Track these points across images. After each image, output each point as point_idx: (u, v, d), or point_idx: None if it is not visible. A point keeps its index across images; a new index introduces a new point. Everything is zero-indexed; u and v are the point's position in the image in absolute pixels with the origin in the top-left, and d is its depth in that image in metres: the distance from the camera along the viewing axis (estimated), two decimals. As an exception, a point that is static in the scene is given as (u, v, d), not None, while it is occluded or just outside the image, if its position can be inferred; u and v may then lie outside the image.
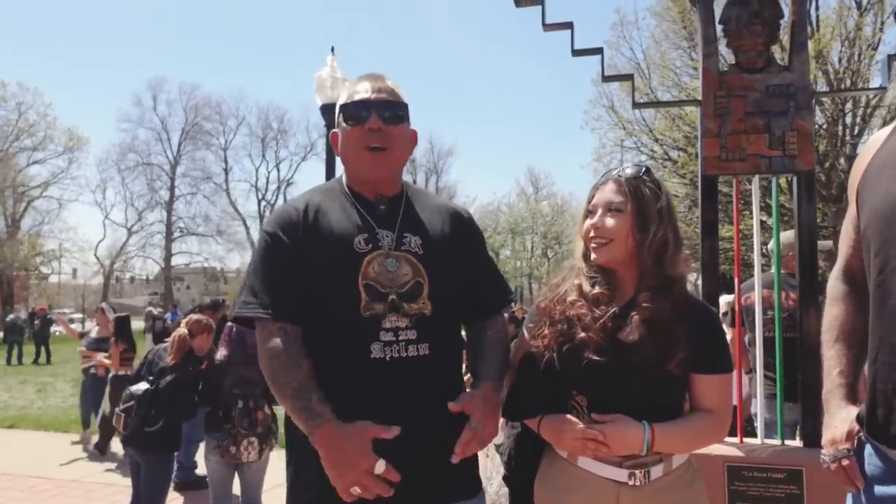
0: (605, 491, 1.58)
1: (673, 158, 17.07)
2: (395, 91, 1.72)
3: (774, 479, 2.50)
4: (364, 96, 1.67)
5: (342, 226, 1.64)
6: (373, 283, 1.58)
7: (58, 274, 46.08)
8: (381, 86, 1.70)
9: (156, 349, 4.41)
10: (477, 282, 1.76)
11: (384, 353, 1.57)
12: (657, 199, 1.63)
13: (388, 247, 1.62)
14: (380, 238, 1.63)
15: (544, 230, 39.62)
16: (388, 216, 1.68)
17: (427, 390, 1.59)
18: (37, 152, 38.73)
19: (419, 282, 1.61)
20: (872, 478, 1.33)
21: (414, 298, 1.60)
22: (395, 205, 1.71)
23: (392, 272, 1.60)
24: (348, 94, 1.72)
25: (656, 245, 1.60)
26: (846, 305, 1.53)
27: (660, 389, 1.58)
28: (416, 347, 1.59)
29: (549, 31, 2.96)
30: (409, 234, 1.66)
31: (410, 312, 1.59)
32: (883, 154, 1.38)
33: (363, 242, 1.61)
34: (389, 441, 1.52)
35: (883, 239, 1.30)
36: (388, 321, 1.57)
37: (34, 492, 5.65)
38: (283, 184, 46.92)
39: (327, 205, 1.68)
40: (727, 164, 2.72)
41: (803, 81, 2.70)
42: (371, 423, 1.50)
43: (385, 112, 1.66)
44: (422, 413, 1.57)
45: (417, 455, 1.55)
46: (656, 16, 17.20)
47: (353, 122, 1.67)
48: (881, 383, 1.30)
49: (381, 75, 1.75)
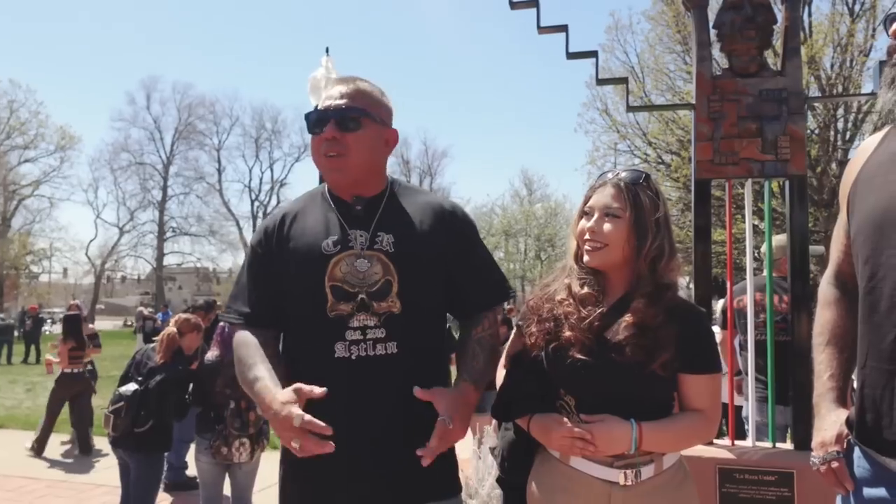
0: (596, 491, 1.59)
1: (666, 162, 17.14)
2: (358, 95, 1.70)
3: (765, 481, 2.51)
4: (325, 104, 1.71)
5: (313, 230, 1.70)
6: (339, 283, 1.62)
7: (48, 273, 45.91)
8: (344, 90, 1.70)
9: (144, 349, 4.40)
10: (462, 279, 1.75)
11: (349, 352, 1.60)
12: (656, 209, 1.63)
13: (360, 246, 1.66)
14: (351, 239, 1.66)
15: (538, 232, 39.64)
16: (364, 216, 1.70)
17: (395, 389, 1.61)
18: (28, 150, 38.57)
19: (389, 280, 1.63)
20: (861, 480, 1.34)
21: (383, 297, 1.62)
22: (374, 204, 1.73)
23: (362, 272, 1.63)
24: (318, 101, 1.78)
25: (653, 254, 1.61)
26: (837, 310, 1.54)
27: (646, 388, 1.59)
28: (385, 346, 1.61)
29: (544, 34, 2.97)
30: (383, 232, 1.67)
31: (379, 311, 1.61)
32: (873, 162, 1.39)
33: (331, 244, 1.66)
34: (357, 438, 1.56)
35: (873, 246, 1.31)
36: (355, 320, 1.61)
37: (23, 492, 5.62)
38: (277, 184, 46.88)
39: (306, 211, 1.76)
40: (720, 167, 2.74)
41: (796, 86, 2.72)
42: (302, 384, 1.53)
43: (340, 119, 1.67)
44: (389, 411, 1.60)
45: (385, 454, 1.58)
46: (651, 20, 17.30)
47: (312, 130, 1.72)
48: (869, 388, 1.31)
49: (352, 77, 1.76)
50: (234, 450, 3.74)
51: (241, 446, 3.76)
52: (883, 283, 1.28)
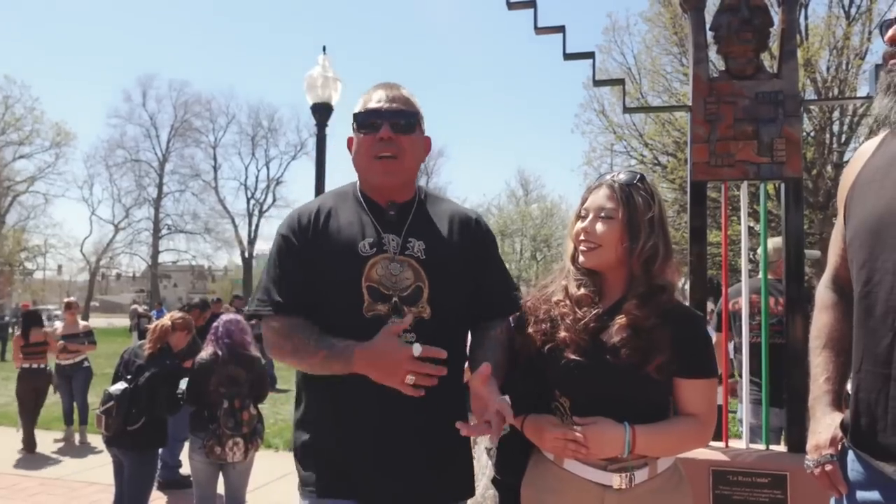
0: (589, 494, 1.58)
1: (662, 163, 17.16)
2: (408, 100, 1.76)
3: (759, 483, 2.51)
4: (376, 105, 1.72)
5: (349, 230, 1.71)
6: (376, 285, 1.65)
7: (43, 270, 45.67)
8: (395, 95, 1.75)
9: (131, 348, 4.40)
10: (483, 287, 1.79)
11: None
12: (649, 208, 1.63)
13: (393, 251, 1.68)
14: (385, 242, 1.69)
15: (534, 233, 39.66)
16: (397, 221, 1.73)
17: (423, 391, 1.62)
18: (23, 147, 38.29)
19: (420, 286, 1.67)
20: (855, 483, 1.34)
21: (414, 302, 1.66)
22: (405, 210, 1.76)
23: (395, 276, 1.66)
24: (362, 101, 1.77)
25: (646, 254, 1.61)
26: (834, 313, 1.54)
27: (640, 391, 1.59)
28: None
29: (542, 35, 2.97)
30: (414, 239, 1.71)
31: None
32: (870, 167, 1.40)
33: (368, 246, 1.68)
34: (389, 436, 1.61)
35: (869, 251, 1.31)
36: (390, 323, 1.62)
37: (16, 489, 5.59)
38: (273, 182, 46.68)
39: (339, 209, 1.76)
40: (716, 169, 2.74)
41: (792, 89, 2.72)
42: (388, 325, 1.56)
43: (396, 121, 1.71)
44: (419, 412, 1.63)
45: (414, 453, 1.63)
46: (648, 21, 17.30)
47: (364, 130, 1.72)
48: (864, 392, 1.31)
49: (396, 84, 1.80)
50: (228, 449, 3.74)
51: (235, 446, 3.75)
52: (878, 287, 1.28)
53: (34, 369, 7.26)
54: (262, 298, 1.72)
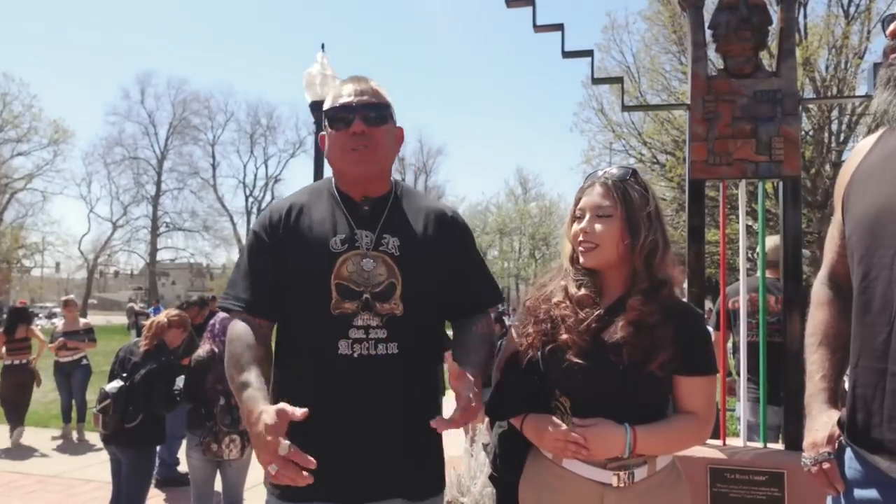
0: (588, 492, 1.58)
1: (661, 162, 17.17)
2: (378, 92, 1.74)
3: (756, 481, 2.52)
4: (346, 100, 1.70)
5: (321, 226, 1.69)
6: (345, 282, 1.63)
7: (41, 267, 45.70)
8: (364, 88, 1.72)
9: (127, 346, 4.39)
10: (460, 283, 1.78)
11: (352, 349, 1.61)
12: (646, 203, 1.63)
13: (366, 247, 1.67)
14: (357, 238, 1.67)
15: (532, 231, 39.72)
16: (371, 217, 1.71)
17: (394, 388, 1.63)
18: (21, 144, 38.24)
19: (393, 283, 1.65)
20: (852, 481, 1.34)
21: (387, 299, 1.64)
22: (380, 205, 1.74)
23: (368, 272, 1.65)
24: (332, 97, 1.75)
25: (647, 249, 1.60)
26: (830, 310, 1.54)
27: (643, 391, 1.58)
28: (386, 346, 1.63)
29: (540, 33, 2.97)
30: (389, 235, 1.69)
31: (382, 312, 1.63)
32: (868, 163, 1.39)
33: (339, 243, 1.66)
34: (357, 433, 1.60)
35: (867, 246, 1.31)
36: (359, 319, 1.62)
37: (12, 487, 5.59)
38: (271, 180, 46.79)
39: (312, 205, 1.74)
40: (714, 168, 2.75)
41: (790, 88, 2.72)
42: (287, 405, 1.44)
43: (367, 114, 1.69)
44: (388, 410, 1.63)
45: (382, 450, 1.62)
46: (647, 20, 17.31)
47: (337, 125, 1.70)
48: (861, 388, 1.31)
49: (364, 77, 1.78)
50: (224, 446, 3.73)
51: (232, 443, 3.74)
52: (876, 282, 1.28)
53: (17, 365, 7.37)
54: (232, 294, 1.71)
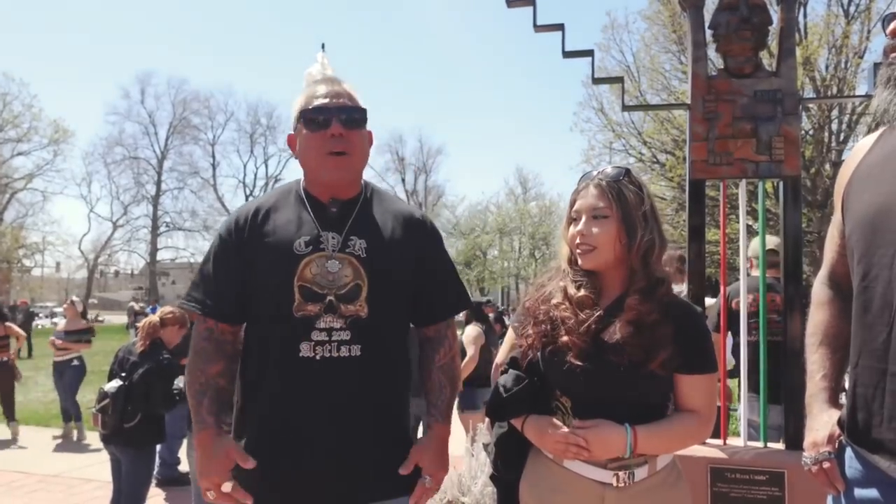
0: (589, 492, 1.58)
1: (661, 161, 17.17)
2: (353, 96, 1.74)
3: (756, 480, 2.52)
4: (324, 101, 1.69)
5: (286, 228, 1.68)
6: (309, 284, 1.62)
7: (41, 267, 45.71)
8: (339, 90, 1.72)
9: (125, 346, 4.39)
10: (427, 288, 1.76)
11: (314, 352, 1.61)
12: (641, 202, 1.63)
13: (332, 248, 1.65)
14: (323, 240, 1.66)
15: (532, 231, 39.70)
16: (338, 218, 1.70)
17: (357, 390, 1.63)
18: (21, 144, 38.29)
19: (359, 284, 1.64)
20: (852, 481, 1.34)
21: (352, 300, 1.63)
22: (349, 207, 1.73)
23: (333, 273, 1.63)
24: (306, 98, 1.73)
25: (644, 248, 1.60)
26: (831, 310, 1.54)
27: (644, 391, 1.59)
28: (349, 348, 1.62)
29: (541, 33, 2.97)
30: (356, 236, 1.68)
31: (346, 314, 1.62)
32: (868, 162, 1.39)
33: (303, 244, 1.65)
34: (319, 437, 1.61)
35: (866, 246, 1.31)
36: (322, 321, 1.61)
37: (13, 486, 5.59)
38: (271, 180, 46.80)
39: (279, 207, 1.73)
40: (714, 168, 2.75)
41: (791, 87, 2.72)
42: (237, 447, 1.63)
43: (345, 117, 1.68)
44: (351, 412, 1.63)
45: (345, 453, 1.62)
46: (647, 19, 17.31)
47: (313, 127, 1.68)
48: (861, 388, 1.31)
49: (338, 79, 1.78)
50: (226, 446, 3.73)
51: (233, 442, 3.74)
52: (875, 282, 1.28)
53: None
54: (194, 297, 1.72)
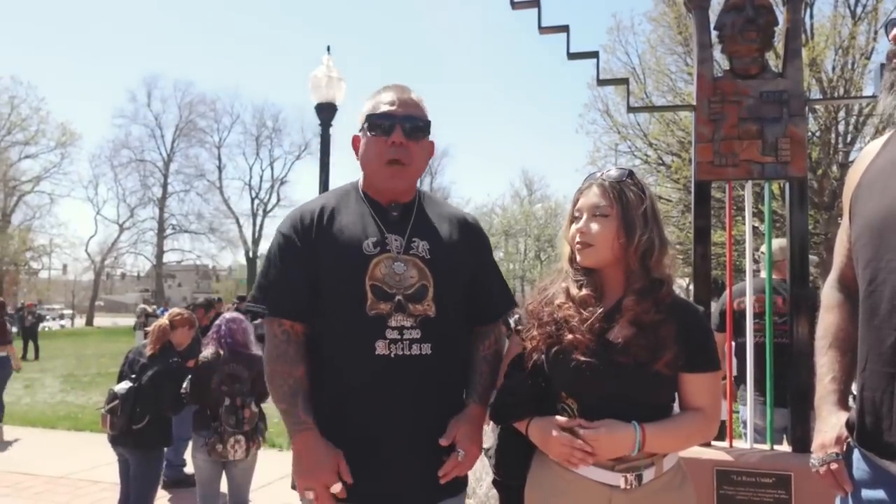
0: (596, 495, 1.58)
1: (667, 163, 17.11)
2: (419, 105, 1.77)
3: (763, 483, 2.51)
4: (390, 108, 1.72)
5: (353, 229, 1.72)
6: (379, 283, 1.66)
7: (48, 269, 45.87)
8: (407, 98, 1.75)
9: (136, 348, 4.42)
10: (481, 288, 1.82)
11: (389, 350, 1.65)
12: (642, 203, 1.64)
13: (396, 250, 1.70)
14: (388, 242, 1.70)
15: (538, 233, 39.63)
16: (400, 222, 1.75)
17: (428, 387, 1.67)
18: (29, 147, 38.47)
19: (425, 284, 1.69)
20: (860, 482, 1.34)
21: (419, 300, 1.67)
22: (408, 211, 1.78)
23: (399, 274, 1.68)
24: (373, 103, 1.76)
25: (642, 249, 1.61)
26: (840, 313, 1.54)
27: (649, 389, 1.59)
28: (420, 346, 1.66)
29: (546, 34, 2.96)
30: (418, 239, 1.73)
31: (415, 313, 1.67)
32: (875, 167, 1.40)
33: (372, 245, 1.69)
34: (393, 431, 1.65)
35: (873, 251, 1.31)
36: (393, 320, 1.65)
37: (20, 488, 5.61)
38: (277, 182, 46.84)
39: (341, 209, 1.77)
40: (720, 169, 2.74)
41: (797, 88, 2.71)
42: (343, 457, 1.64)
43: (409, 126, 1.71)
44: (423, 408, 1.67)
45: (416, 449, 1.67)
46: (652, 21, 17.26)
47: (376, 132, 1.72)
48: (869, 391, 1.31)
49: (407, 87, 1.80)
50: (230, 447, 3.74)
51: (237, 443, 3.75)
52: (883, 286, 1.28)
53: None
54: (255, 296, 1.72)
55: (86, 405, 9.41)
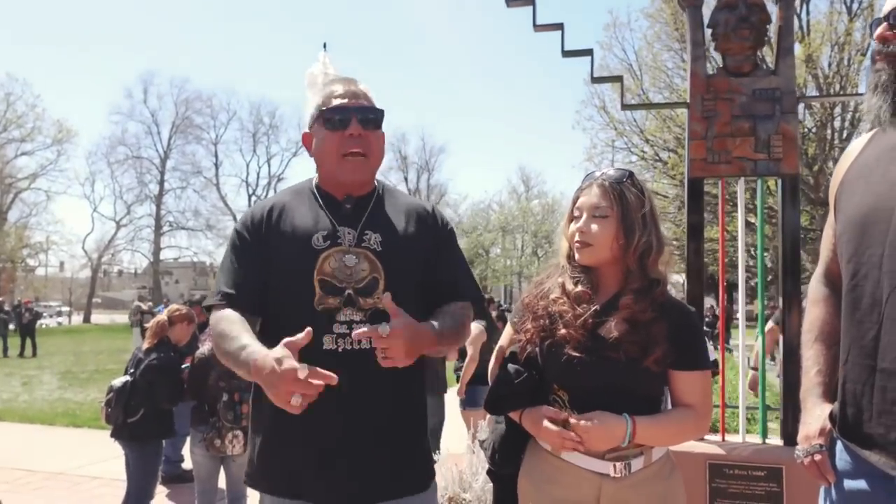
0: (587, 482, 1.62)
1: (663, 160, 17.16)
2: (369, 96, 1.77)
3: (755, 476, 2.54)
4: (343, 101, 1.71)
5: (303, 224, 1.71)
6: (328, 278, 1.65)
7: (45, 267, 45.75)
8: (357, 90, 1.75)
9: (140, 346, 4.44)
10: (440, 279, 1.78)
11: (336, 344, 1.63)
12: (641, 205, 1.67)
13: (348, 243, 1.69)
14: (340, 235, 1.69)
15: (535, 229, 39.67)
16: (353, 214, 1.73)
17: (380, 381, 1.63)
18: (25, 144, 38.34)
19: (376, 277, 1.67)
20: (843, 473, 1.37)
21: (370, 293, 1.66)
22: (363, 204, 1.76)
23: (350, 267, 1.66)
24: (324, 97, 1.75)
25: (640, 249, 1.64)
26: (826, 307, 1.57)
27: (638, 383, 1.62)
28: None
29: (540, 32, 2.99)
30: (371, 231, 1.71)
31: (366, 307, 1.65)
32: (859, 164, 1.43)
33: (321, 239, 1.68)
34: (337, 432, 1.61)
35: (856, 245, 1.34)
36: (342, 314, 1.64)
37: (19, 484, 5.63)
38: (274, 179, 46.77)
39: (294, 205, 1.76)
40: (713, 166, 2.76)
41: (789, 86, 2.74)
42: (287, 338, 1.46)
43: (364, 117, 1.71)
44: (374, 403, 1.64)
45: (367, 445, 1.63)
46: (649, 17, 17.30)
47: (331, 126, 1.71)
48: (851, 384, 1.34)
49: (355, 79, 1.80)
50: (228, 442, 3.76)
51: (235, 439, 3.77)
52: (865, 281, 1.31)
53: None
54: (215, 292, 1.72)
55: (83, 402, 9.42)
